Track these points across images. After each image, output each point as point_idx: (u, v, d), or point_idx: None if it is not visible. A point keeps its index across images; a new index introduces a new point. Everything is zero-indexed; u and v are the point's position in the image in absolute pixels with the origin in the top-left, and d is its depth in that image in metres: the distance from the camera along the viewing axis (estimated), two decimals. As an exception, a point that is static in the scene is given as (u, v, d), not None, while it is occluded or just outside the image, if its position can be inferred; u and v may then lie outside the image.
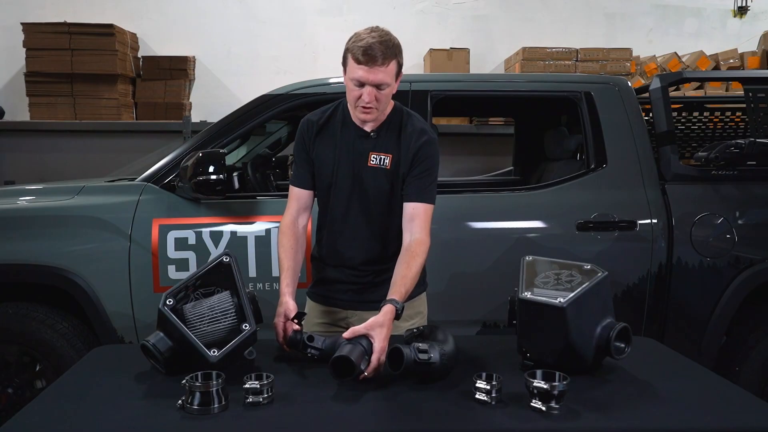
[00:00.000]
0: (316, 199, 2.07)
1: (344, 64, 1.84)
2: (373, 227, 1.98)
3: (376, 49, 1.74)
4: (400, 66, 1.83)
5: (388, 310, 1.69)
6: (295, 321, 1.75)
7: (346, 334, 1.63)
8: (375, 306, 1.82)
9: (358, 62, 1.76)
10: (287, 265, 1.93)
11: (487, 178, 4.36)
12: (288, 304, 1.81)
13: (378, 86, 1.78)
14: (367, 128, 1.93)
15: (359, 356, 1.52)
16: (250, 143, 3.76)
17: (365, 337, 1.59)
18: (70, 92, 5.46)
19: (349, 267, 2.01)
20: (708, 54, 5.68)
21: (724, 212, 2.74)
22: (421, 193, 1.91)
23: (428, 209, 1.92)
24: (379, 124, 1.94)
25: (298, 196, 2.03)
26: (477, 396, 1.42)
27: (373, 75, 1.76)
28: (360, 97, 1.80)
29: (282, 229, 2.00)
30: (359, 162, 1.94)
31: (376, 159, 1.92)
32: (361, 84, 1.78)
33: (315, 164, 1.99)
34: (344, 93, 1.92)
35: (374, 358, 1.58)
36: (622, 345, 1.63)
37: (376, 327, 1.63)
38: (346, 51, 1.81)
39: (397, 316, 1.72)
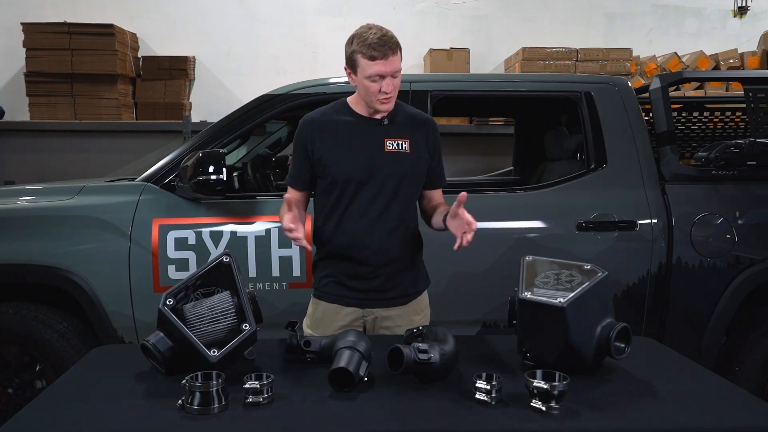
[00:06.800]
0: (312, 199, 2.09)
1: (352, 66, 1.90)
2: (392, 214, 1.98)
3: (386, 42, 1.83)
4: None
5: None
6: (289, 329, 1.74)
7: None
8: (394, 302, 1.96)
9: (373, 59, 1.83)
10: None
11: (487, 178, 4.36)
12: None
13: (394, 75, 1.87)
14: (378, 116, 1.97)
15: (357, 364, 1.50)
16: (250, 143, 3.76)
17: (362, 341, 1.58)
18: (70, 92, 5.45)
19: (366, 262, 1.99)
20: (708, 54, 5.67)
21: (724, 212, 2.74)
22: (439, 180, 2.13)
23: (441, 189, 2.16)
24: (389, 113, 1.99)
25: (296, 197, 2.03)
26: (477, 396, 1.42)
27: (390, 66, 1.85)
28: (380, 90, 1.87)
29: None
30: (374, 150, 1.96)
31: (393, 144, 1.97)
32: (380, 77, 1.85)
33: (321, 163, 1.98)
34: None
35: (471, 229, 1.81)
36: (622, 345, 1.63)
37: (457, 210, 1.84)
38: (353, 53, 1.87)
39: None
